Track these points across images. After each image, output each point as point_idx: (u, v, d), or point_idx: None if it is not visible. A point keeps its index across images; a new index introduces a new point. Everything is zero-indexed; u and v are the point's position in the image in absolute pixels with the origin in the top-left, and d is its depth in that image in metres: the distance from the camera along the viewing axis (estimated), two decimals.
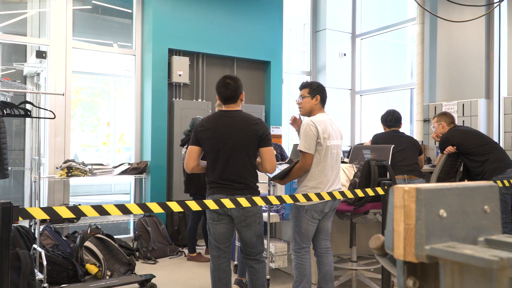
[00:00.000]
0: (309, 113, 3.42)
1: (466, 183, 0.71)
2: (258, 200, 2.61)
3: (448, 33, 6.13)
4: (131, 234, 5.99)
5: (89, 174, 5.44)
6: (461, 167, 4.64)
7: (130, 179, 6.35)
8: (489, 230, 0.70)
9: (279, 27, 7.07)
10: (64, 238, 4.88)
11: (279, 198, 2.74)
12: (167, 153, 6.15)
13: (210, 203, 2.45)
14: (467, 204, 0.69)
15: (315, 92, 3.37)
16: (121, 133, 10.92)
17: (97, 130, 11.78)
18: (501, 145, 5.34)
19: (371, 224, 4.79)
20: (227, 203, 2.51)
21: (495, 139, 5.53)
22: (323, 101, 3.41)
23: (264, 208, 4.16)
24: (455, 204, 0.68)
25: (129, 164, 5.96)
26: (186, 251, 5.45)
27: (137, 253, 5.22)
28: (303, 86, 3.44)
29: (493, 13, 5.62)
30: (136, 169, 5.86)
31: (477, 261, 0.59)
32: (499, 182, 4.00)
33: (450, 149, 4.37)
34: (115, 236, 5.03)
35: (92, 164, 5.57)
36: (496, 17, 5.67)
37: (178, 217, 5.96)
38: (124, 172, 5.80)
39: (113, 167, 5.82)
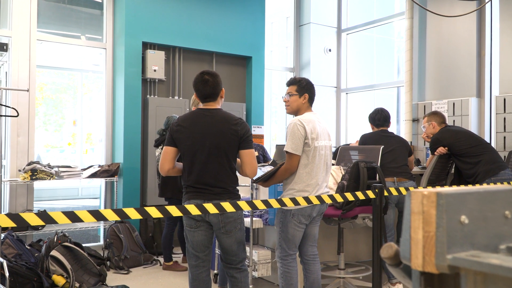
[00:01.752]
0: (296, 112, 3.42)
1: (487, 186, 0.70)
2: (243, 204, 2.59)
3: (438, 29, 6.22)
4: (101, 242, 5.89)
5: (56, 177, 5.32)
6: (452, 169, 4.71)
7: (100, 182, 6.25)
8: (510, 237, 0.70)
9: (261, 20, 7.06)
10: (28, 247, 4.76)
11: (265, 202, 2.72)
12: (140, 154, 6.07)
13: (192, 208, 2.41)
14: (488, 210, 0.68)
15: (303, 90, 3.36)
16: (88, 132, 10.75)
17: (62, 130, 11.57)
18: (493, 145, 5.45)
19: (359, 229, 4.82)
20: (210, 208, 2.48)
21: (487, 139, 5.64)
22: (311, 99, 3.41)
23: (246, 213, 4.14)
24: (476, 209, 0.67)
25: (99, 166, 5.86)
26: (161, 259, 5.39)
27: (108, 263, 5.13)
28: (291, 83, 3.43)
29: (485, 8, 5.73)
30: (107, 172, 5.76)
31: (505, 272, 0.57)
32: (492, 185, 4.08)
33: (441, 150, 4.43)
34: (84, 244, 4.93)
35: (58, 167, 5.45)
36: (487, 13, 5.78)
37: (152, 223, 5.89)
38: (94, 175, 5.69)
39: (81, 169, 5.71)
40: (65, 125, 11.56)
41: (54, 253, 4.44)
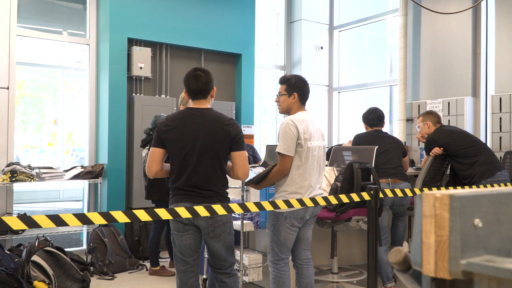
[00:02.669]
0: (287, 112, 3.41)
1: (501, 188, 0.70)
2: (235, 207, 2.57)
3: (432, 26, 6.27)
4: (85, 246, 5.83)
5: (37, 179, 5.25)
6: (448, 170, 4.74)
7: (83, 184, 6.19)
8: None
9: (251, 16, 7.05)
10: (7, 252, 4.69)
11: (258, 204, 2.71)
12: (126, 155, 6.02)
13: (182, 211, 2.39)
14: (502, 212, 0.68)
15: (292, 89, 3.35)
16: (69, 132, 10.64)
17: (42, 129, 11.46)
18: (488, 146, 5.49)
19: (351, 232, 4.83)
20: (201, 211, 2.46)
21: (482, 139, 5.69)
22: (302, 98, 3.40)
23: (236, 216, 4.12)
24: (490, 212, 0.67)
25: (82, 167, 5.80)
26: (148, 264, 5.34)
27: (92, 268, 5.08)
28: (281, 82, 3.43)
29: (480, 5, 5.78)
30: (90, 173, 5.71)
31: None
32: (489, 186, 4.11)
33: (436, 150, 4.46)
34: (66, 249, 4.88)
35: (39, 168, 5.39)
36: (483, 10, 5.84)
37: (138, 227, 5.84)
38: (76, 177, 5.63)
39: (64, 170, 5.65)
40: (45, 125, 11.45)
41: (35, 258, 4.38)
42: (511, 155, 5.25)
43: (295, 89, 3.35)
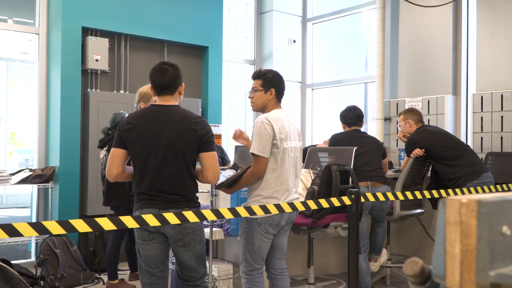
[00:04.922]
0: (262, 110, 3.40)
1: None
2: (207, 213, 2.54)
3: (411, 20, 6.38)
4: (33, 259, 5.67)
5: None
6: (429, 172, 4.83)
7: (31, 189, 6.02)
8: None
9: (218, 6, 7.03)
10: None
11: (233, 210, 2.69)
12: (80, 157, 5.90)
13: (150, 219, 2.34)
14: None
15: (269, 85, 3.35)
16: (12, 131, 10.34)
17: None
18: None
19: (327, 239, 4.86)
20: (170, 217, 2.41)
21: (463, 140, 5.82)
22: (279, 95, 3.40)
23: (205, 223, 4.08)
24: None
25: (30, 170, 5.64)
26: (105, 277, 5.24)
27: (42, 282, 4.96)
28: (256, 77, 3.41)
29: None
30: (40, 177, 5.56)
31: None
32: (472, 190, 4.21)
33: (417, 152, 4.53)
34: (12, 262, 4.73)
35: None
36: (464, 3, 5.98)
37: (94, 236, 5.72)
38: (24, 181, 5.48)
39: (9, 174, 5.48)
40: None
41: None
42: (493, 156, 5.40)
43: (272, 84, 3.35)
